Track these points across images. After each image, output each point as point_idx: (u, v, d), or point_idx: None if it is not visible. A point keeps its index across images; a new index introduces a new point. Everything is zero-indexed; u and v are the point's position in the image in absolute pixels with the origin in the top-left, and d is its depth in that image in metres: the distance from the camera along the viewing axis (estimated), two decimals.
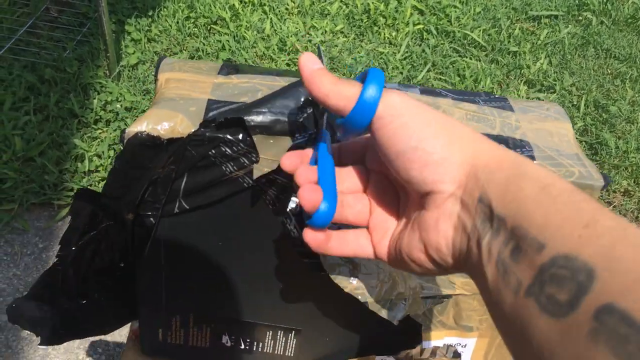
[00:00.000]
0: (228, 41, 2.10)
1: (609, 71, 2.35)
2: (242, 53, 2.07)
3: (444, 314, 0.58)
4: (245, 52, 2.08)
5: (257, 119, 0.45)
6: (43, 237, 1.52)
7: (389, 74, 2.10)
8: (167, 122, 0.45)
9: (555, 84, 2.20)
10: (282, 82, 0.50)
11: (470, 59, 2.26)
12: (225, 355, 0.62)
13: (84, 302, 0.59)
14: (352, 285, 0.50)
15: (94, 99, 1.79)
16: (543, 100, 2.13)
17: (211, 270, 0.55)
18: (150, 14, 2.16)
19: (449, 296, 0.56)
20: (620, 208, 1.86)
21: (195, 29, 2.16)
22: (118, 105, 1.80)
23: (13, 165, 1.59)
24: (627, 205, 1.86)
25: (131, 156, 0.45)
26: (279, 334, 0.60)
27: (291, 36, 2.16)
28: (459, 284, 0.56)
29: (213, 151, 0.46)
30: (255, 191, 0.49)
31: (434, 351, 0.61)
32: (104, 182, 0.52)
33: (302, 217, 0.48)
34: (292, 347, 0.61)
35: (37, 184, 1.58)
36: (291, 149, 0.46)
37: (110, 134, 1.73)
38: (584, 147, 2.02)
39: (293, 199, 0.39)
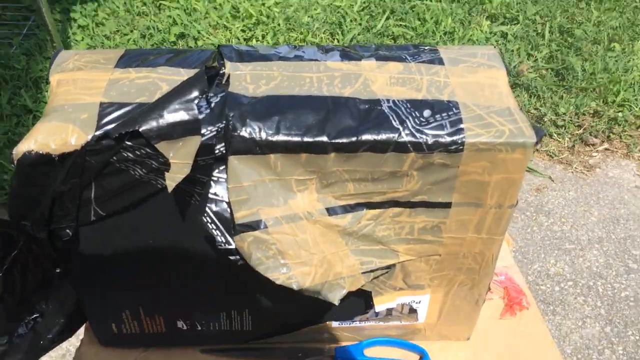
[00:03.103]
0: (179, 15, 2.04)
1: None
2: (195, 25, 2.01)
3: (392, 279, 0.57)
4: (198, 24, 2.02)
5: (154, 125, 0.43)
6: None
7: (346, 27, 2.05)
8: (57, 135, 0.43)
9: (519, 15, 2.16)
10: (185, 75, 0.47)
11: (431, 0, 2.20)
12: (184, 335, 0.62)
13: (31, 321, 0.59)
14: (283, 276, 0.48)
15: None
16: (479, 45, 2.10)
17: (146, 267, 0.55)
18: None
19: (392, 265, 0.55)
20: (591, 130, 1.85)
21: (144, 7, 2.09)
22: None
23: None
24: (598, 126, 1.85)
25: (26, 177, 0.43)
26: (232, 313, 0.60)
27: (244, 1, 2.10)
28: (403, 250, 0.54)
29: (115, 158, 0.44)
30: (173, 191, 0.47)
31: (389, 312, 0.61)
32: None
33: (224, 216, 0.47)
34: (248, 322, 0.61)
35: None
36: (201, 147, 0.44)
37: None
38: (551, 74, 1.99)
39: None
